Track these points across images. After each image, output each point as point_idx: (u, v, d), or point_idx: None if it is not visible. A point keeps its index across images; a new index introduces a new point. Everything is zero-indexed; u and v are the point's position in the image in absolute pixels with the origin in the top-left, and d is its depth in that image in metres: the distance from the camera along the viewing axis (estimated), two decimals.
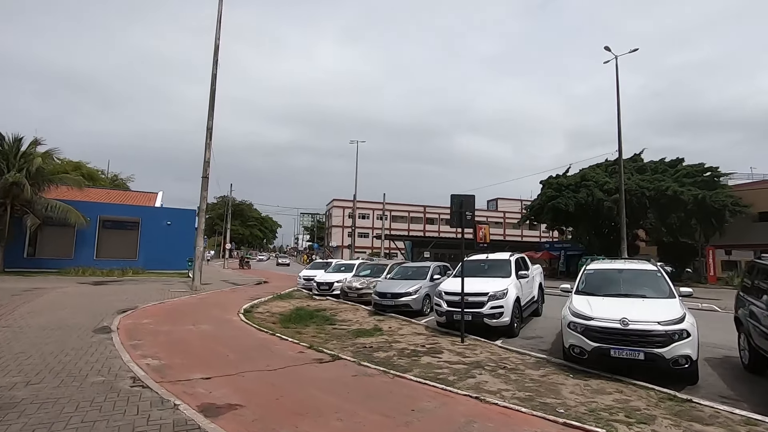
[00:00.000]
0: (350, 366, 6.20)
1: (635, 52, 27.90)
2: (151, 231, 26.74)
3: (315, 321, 10.69)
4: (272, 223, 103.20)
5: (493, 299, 8.90)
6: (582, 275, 7.85)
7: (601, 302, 6.59)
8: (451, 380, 5.72)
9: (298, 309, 12.38)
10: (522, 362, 6.82)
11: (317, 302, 14.66)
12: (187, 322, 9.42)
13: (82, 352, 6.39)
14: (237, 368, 5.81)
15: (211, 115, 17.52)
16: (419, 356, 7.10)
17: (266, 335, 8.36)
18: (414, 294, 11.91)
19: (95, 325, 8.54)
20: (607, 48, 27.89)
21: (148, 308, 11.42)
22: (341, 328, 9.90)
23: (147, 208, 28.80)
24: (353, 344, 7.99)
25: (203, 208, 17.15)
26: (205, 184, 17.20)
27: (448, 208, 39.01)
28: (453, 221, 8.55)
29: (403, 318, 11.27)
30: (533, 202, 37.71)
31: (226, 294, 16.32)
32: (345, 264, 19.27)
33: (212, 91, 17.58)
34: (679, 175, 30.31)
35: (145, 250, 26.48)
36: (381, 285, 12.62)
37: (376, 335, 8.95)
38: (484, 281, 9.57)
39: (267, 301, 14.57)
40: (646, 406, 4.86)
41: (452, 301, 9.20)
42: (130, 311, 10.62)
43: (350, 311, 12.72)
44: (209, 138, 17.39)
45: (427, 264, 14.11)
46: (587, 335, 6.11)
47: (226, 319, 10.31)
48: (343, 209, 65.94)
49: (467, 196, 8.58)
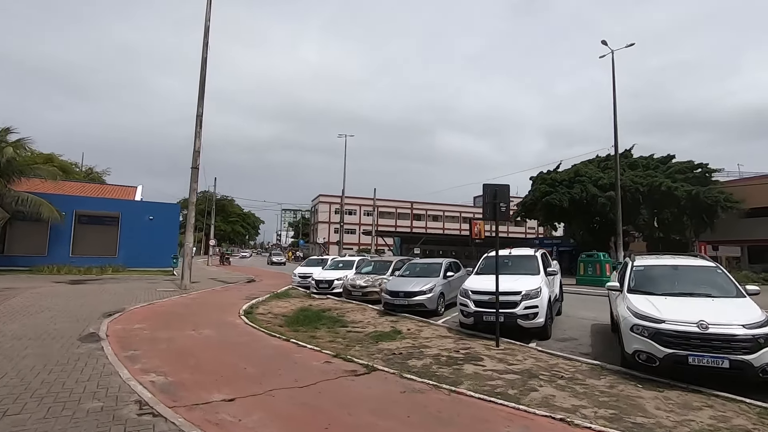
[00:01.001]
0: (391, 379, 5.35)
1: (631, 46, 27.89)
2: (131, 226, 25.20)
3: (324, 323, 9.79)
4: (254, 219, 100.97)
5: (527, 299, 8.18)
6: (630, 272, 7.18)
7: (667, 302, 5.92)
8: (513, 395, 4.94)
9: (303, 309, 11.45)
10: (576, 370, 6.10)
11: (318, 301, 13.73)
12: (186, 327, 8.38)
13: (69, 367, 5.35)
14: (262, 385, 4.89)
15: (201, 101, 16.29)
16: (459, 364, 6.31)
17: (280, 341, 7.43)
18: (428, 293, 11.12)
19: (80, 332, 7.44)
20: (604, 42, 27.62)
21: (137, 310, 10.29)
22: (356, 330, 9.03)
23: (127, 202, 27.17)
24: (379, 350, 7.15)
25: (193, 201, 15.96)
26: (194, 176, 16.00)
27: (435, 204, 39.19)
28: (486, 213, 7.78)
29: (418, 319, 10.47)
30: (525, 198, 37.40)
31: (219, 293, 15.21)
32: (344, 261, 18.34)
33: (202, 76, 16.35)
34: (671, 171, 30.43)
35: (125, 247, 24.93)
36: (392, 283, 11.79)
37: (399, 339, 8.13)
38: (513, 279, 8.84)
39: (265, 300, 13.55)
40: (753, 425, 4.19)
41: (481, 301, 8.44)
42: (117, 314, 9.49)
43: (358, 311, 11.85)
44: (199, 126, 16.18)
45: (438, 260, 13.34)
46: (658, 340, 5.43)
47: (228, 321, 9.31)
48: (330, 205, 64.73)
49: (501, 185, 7.82)
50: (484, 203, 7.83)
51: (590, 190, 30.32)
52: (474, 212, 72.73)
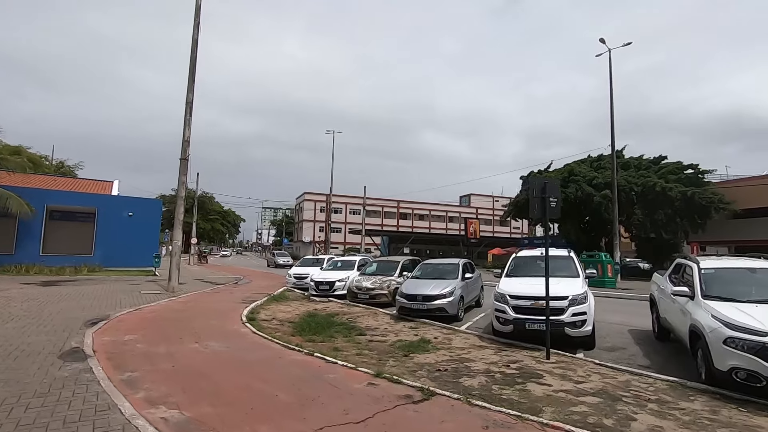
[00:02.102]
0: (460, 408, 4.40)
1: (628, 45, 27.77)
2: (109, 223, 23.46)
3: (338, 330, 8.78)
4: (235, 217, 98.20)
5: (574, 304, 7.36)
6: (698, 276, 6.43)
7: (763, 312, 5.17)
8: (612, 426, 4.07)
9: (311, 315, 10.38)
10: (655, 389, 5.29)
11: (321, 305, 12.68)
12: (187, 338, 7.23)
13: (52, 397, 4.20)
14: (307, 421, 3.87)
15: (192, 86, 14.95)
16: (521, 383, 5.42)
17: (302, 356, 6.38)
18: (449, 296, 10.23)
19: (61, 347, 6.22)
20: (602, 40, 27.42)
21: (124, 317, 9.04)
22: (377, 340, 8.04)
23: (104, 197, 25.35)
24: (418, 366, 6.19)
25: (182, 195, 14.61)
26: (183, 167, 14.66)
27: (421, 203, 38.46)
28: (534, 210, 6.90)
29: (440, 325, 9.57)
30: (517, 198, 37.07)
31: (211, 296, 13.94)
32: (343, 260, 17.30)
33: (193, 58, 15.01)
34: (664, 171, 30.49)
35: (102, 245, 23.20)
36: (408, 286, 10.83)
37: (432, 350, 7.19)
38: (554, 282, 8.01)
39: (264, 304, 12.41)
40: None
41: (522, 308, 7.58)
42: (102, 323, 8.23)
43: (368, 316, 10.88)
44: (189, 113, 14.84)
45: (453, 260, 12.45)
46: (765, 357, 4.66)
47: (233, 330, 8.18)
48: (315, 203, 63.27)
49: (550, 179, 6.96)
50: (531, 198, 6.96)
51: (585, 190, 30.12)
52: (460, 211, 72.55)
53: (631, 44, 27.58)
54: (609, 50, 27.54)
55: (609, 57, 27.56)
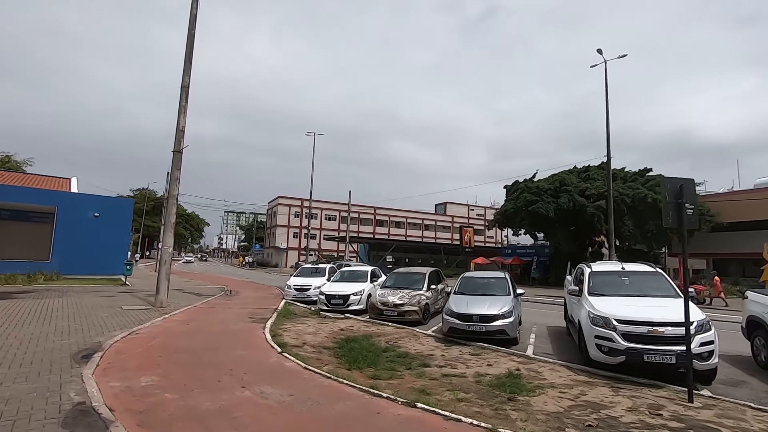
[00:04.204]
0: None
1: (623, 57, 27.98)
2: (70, 224, 20.61)
3: (393, 360, 7.23)
4: (199, 220, 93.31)
5: (701, 332, 6.18)
6: None
7: None
8: None
9: (348, 339, 8.66)
10: None
11: (344, 324, 11.02)
12: (226, 379, 5.42)
13: None
14: None
15: (188, 68, 12.94)
16: None
17: (401, 407, 4.74)
18: (509, 316, 8.87)
19: (58, 403, 4.30)
20: (599, 51, 27.39)
21: (121, 346, 7.03)
22: (454, 374, 6.50)
23: (66, 195, 22.35)
24: (547, 415, 4.73)
25: (174, 194, 12.49)
26: (177, 161, 12.57)
27: (398, 211, 37.15)
28: (668, 218, 5.68)
29: (503, 351, 8.20)
30: (505, 207, 36.55)
31: (209, 313, 11.87)
32: (354, 270, 15.60)
33: (190, 36, 13.02)
34: (651, 183, 30.84)
35: (61, 249, 20.31)
36: (457, 304, 9.36)
37: (537, 390, 5.75)
38: (659, 304, 6.84)
39: (277, 322, 10.58)
40: None
41: (636, 335, 6.30)
42: (97, 355, 6.23)
43: (409, 338, 9.34)
44: (185, 99, 12.80)
45: (498, 274, 11.17)
46: None
47: (276, 365, 6.41)
48: (290, 207, 60.62)
49: (685, 180, 5.78)
50: (664, 204, 5.74)
51: (578, 200, 29.93)
52: (436, 219, 72.07)
53: (626, 56, 27.78)
54: (605, 61, 27.55)
55: (605, 68, 27.48)
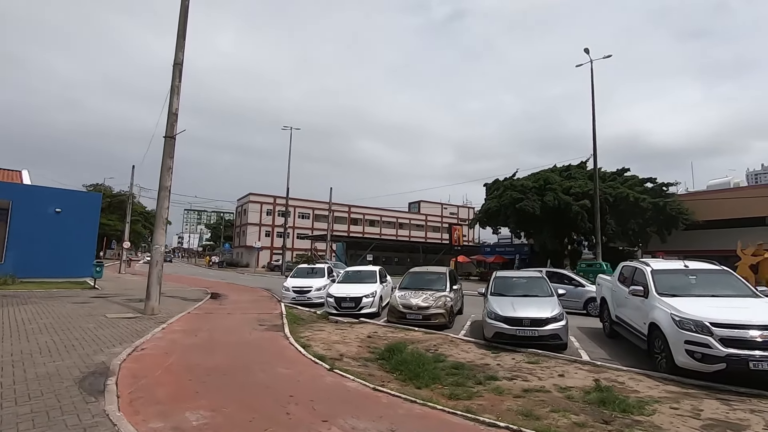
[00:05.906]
0: None
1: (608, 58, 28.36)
2: (26, 221, 18.28)
3: (451, 373, 6.33)
4: None
5: None
6: None
7: None
8: None
9: (391, 349, 7.63)
10: None
11: (365, 329, 10.02)
12: (296, 412, 4.31)
13: None
14: None
15: (181, 44, 11.43)
16: None
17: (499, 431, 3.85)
18: (561, 319, 8.17)
19: None
20: (586, 50, 27.59)
21: (132, 366, 5.70)
22: (535, 388, 5.69)
23: (21, 187, 19.85)
24: None
25: (167, 185, 10.96)
26: (169, 148, 11.06)
27: (373, 209, 35.98)
28: None
29: (561, 357, 7.48)
30: (487, 205, 36.39)
31: (209, 320, 10.47)
32: (361, 270, 14.53)
33: (184, 7, 11.52)
34: (631, 183, 31.58)
35: (16, 249, 17.97)
36: (502, 307, 8.53)
37: (639, 407, 5.00)
38: (742, 305, 6.32)
39: (293, 330, 9.40)
40: None
41: (737, 340, 5.70)
42: (110, 381, 4.92)
43: (447, 345, 8.46)
44: (178, 78, 11.30)
45: (535, 273, 10.47)
46: None
47: (334, 386, 5.33)
48: (261, 205, 58.22)
49: None
50: None
51: (563, 199, 30.12)
52: (410, 218, 71.69)
53: (611, 56, 28.16)
54: (591, 61, 27.76)
55: (591, 67, 27.74)
